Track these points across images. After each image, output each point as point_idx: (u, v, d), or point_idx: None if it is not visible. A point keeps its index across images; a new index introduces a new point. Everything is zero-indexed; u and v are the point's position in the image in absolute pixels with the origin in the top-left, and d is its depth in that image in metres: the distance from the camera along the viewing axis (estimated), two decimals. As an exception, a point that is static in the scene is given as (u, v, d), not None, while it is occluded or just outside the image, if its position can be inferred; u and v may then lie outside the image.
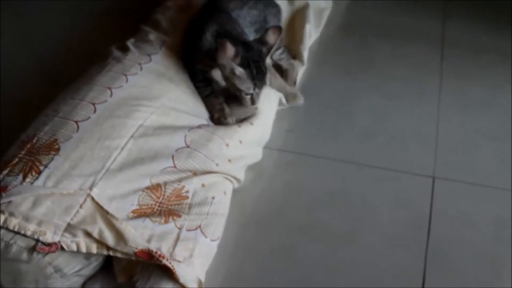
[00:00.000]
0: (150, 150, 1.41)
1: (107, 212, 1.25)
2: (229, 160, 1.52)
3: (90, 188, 1.27)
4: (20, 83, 1.98)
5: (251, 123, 1.65)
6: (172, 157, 1.42)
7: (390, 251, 1.47)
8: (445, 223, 1.54)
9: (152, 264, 1.23)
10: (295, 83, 1.95)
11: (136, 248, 1.22)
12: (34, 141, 1.35)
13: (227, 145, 1.53)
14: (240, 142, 1.58)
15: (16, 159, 1.31)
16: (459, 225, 1.54)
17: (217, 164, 1.48)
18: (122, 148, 1.37)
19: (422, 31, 2.32)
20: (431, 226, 1.52)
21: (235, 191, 1.55)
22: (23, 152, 1.33)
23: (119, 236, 1.23)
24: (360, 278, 1.40)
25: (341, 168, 1.71)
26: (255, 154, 1.68)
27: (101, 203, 1.26)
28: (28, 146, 1.34)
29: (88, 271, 1.28)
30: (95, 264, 1.27)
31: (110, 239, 1.22)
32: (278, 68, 1.94)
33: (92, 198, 1.26)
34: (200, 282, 1.27)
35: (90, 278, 1.31)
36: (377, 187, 1.65)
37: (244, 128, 1.62)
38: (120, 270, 1.28)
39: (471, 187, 1.64)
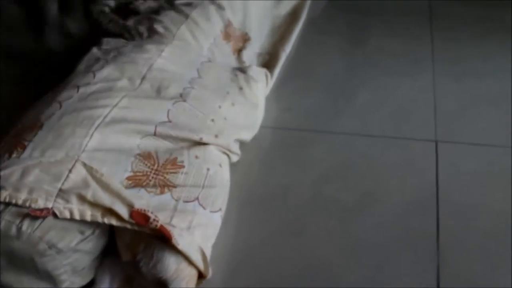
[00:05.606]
0: (140, 110, 1.39)
1: (101, 174, 1.19)
2: (225, 118, 1.51)
3: (78, 154, 1.23)
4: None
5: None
6: (168, 111, 1.40)
7: (402, 219, 1.41)
8: (452, 184, 1.50)
9: (155, 241, 1.15)
10: None
11: (133, 207, 1.15)
12: (19, 126, 1.34)
13: (219, 106, 1.52)
14: (232, 104, 1.57)
15: (2, 144, 1.29)
16: (466, 184, 1.51)
17: (212, 120, 1.46)
18: (105, 116, 1.34)
19: (409, 6, 2.35)
20: (439, 188, 1.49)
21: (236, 171, 1.49)
22: (8, 137, 1.31)
23: (115, 194, 1.17)
24: (373, 249, 1.33)
25: (344, 141, 1.66)
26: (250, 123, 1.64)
27: (93, 166, 1.21)
28: (13, 131, 1.33)
29: (88, 246, 1.17)
30: (91, 237, 1.17)
31: (105, 198, 1.16)
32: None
33: (82, 163, 1.21)
34: (203, 252, 1.19)
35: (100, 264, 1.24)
36: (382, 156, 1.61)
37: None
38: (124, 248, 1.20)
39: (473, 147, 1.63)
